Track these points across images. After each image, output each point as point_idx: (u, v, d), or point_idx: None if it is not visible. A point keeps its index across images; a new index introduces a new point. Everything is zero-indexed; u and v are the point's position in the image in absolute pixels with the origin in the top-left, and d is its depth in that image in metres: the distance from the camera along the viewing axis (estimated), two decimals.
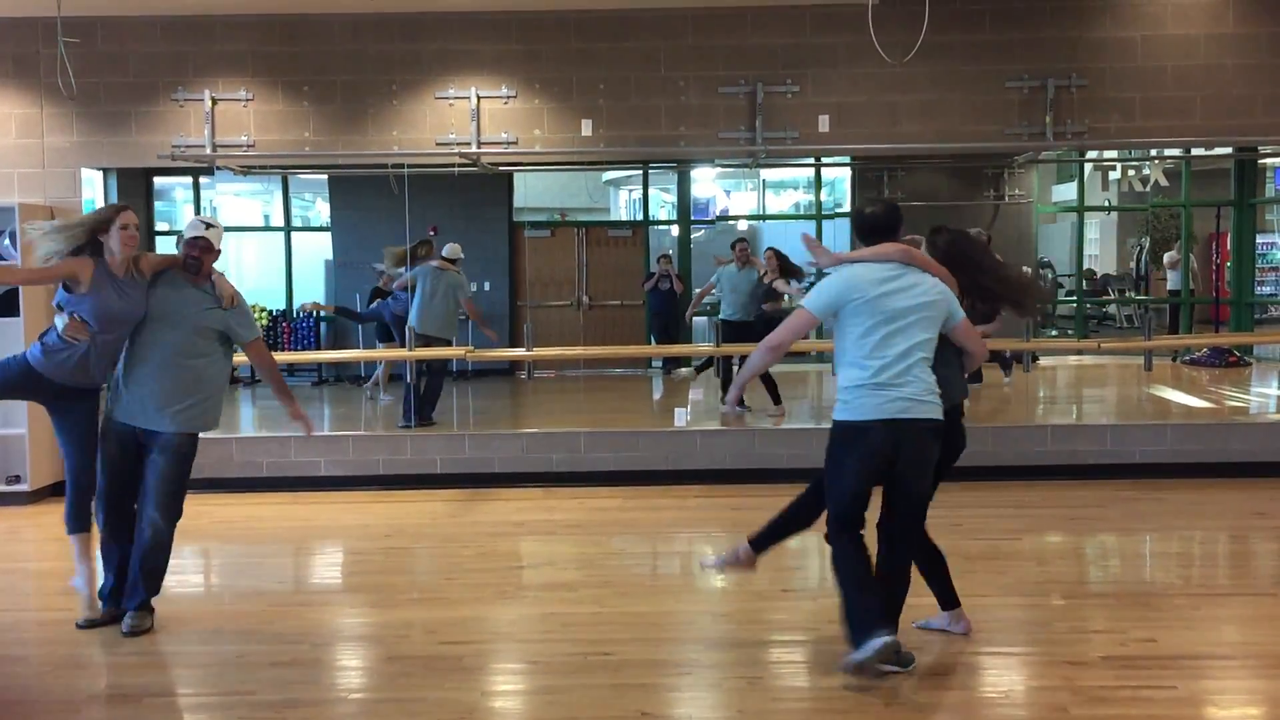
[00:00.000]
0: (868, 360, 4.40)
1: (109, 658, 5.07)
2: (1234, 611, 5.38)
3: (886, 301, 4.39)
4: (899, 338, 4.37)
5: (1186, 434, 8.70)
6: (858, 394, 4.41)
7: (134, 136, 8.69)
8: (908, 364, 4.37)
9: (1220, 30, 8.53)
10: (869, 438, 4.38)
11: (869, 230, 4.65)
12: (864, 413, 4.38)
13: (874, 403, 4.36)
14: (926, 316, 4.43)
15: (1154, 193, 16.64)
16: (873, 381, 4.37)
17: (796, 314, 4.54)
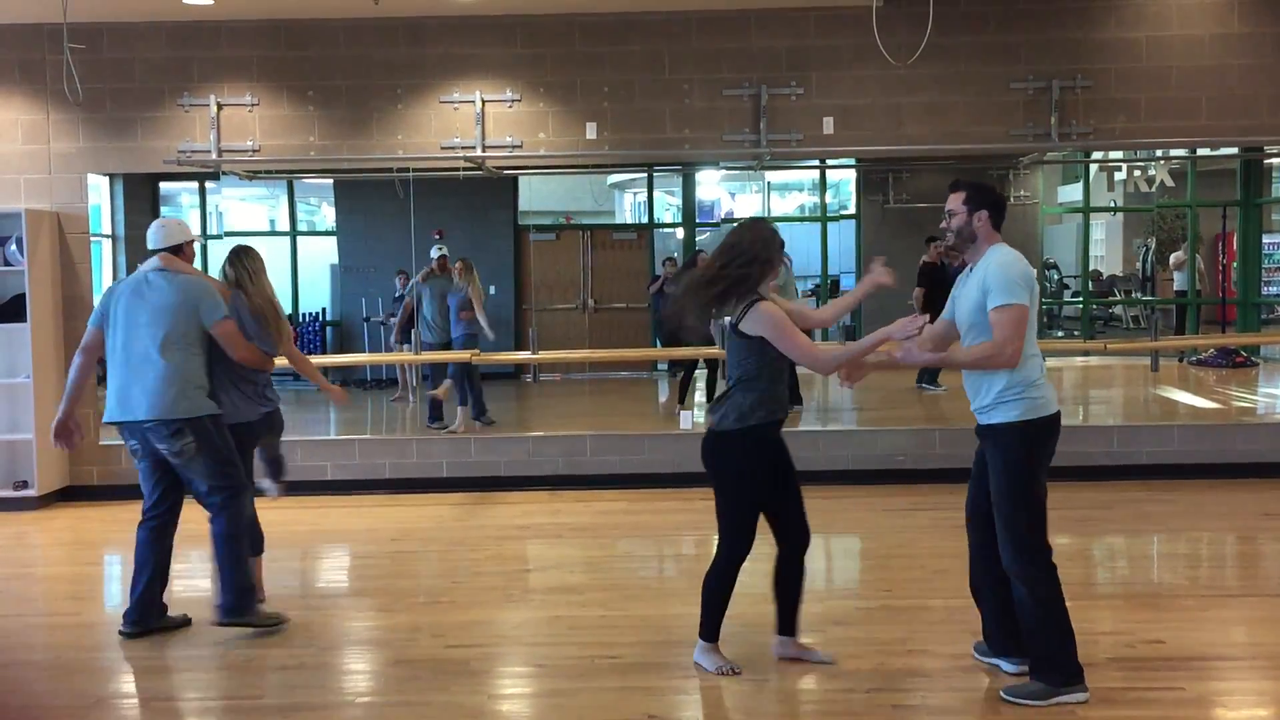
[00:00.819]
0: (1036, 352, 4.25)
1: (115, 662, 5.08)
2: (1242, 613, 5.36)
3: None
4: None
5: (1193, 435, 8.69)
6: (1043, 386, 4.19)
7: (140, 142, 8.71)
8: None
9: (1225, 30, 8.52)
10: (1057, 430, 4.24)
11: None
12: (1053, 405, 4.20)
13: (1053, 393, 4.26)
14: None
15: (1159, 193, 16.62)
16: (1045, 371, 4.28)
17: (1019, 310, 4.09)
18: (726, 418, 4.48)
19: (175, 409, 5.05)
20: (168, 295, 5.14)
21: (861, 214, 15.35)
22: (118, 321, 5.16)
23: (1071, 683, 4.17)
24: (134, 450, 5.19)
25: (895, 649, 4.81)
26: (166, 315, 5.11)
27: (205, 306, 5.17)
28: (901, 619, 5.23)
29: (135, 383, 5.07)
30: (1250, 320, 14.50)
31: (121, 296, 5.18)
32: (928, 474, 8.35)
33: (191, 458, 5.09)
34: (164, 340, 5.07)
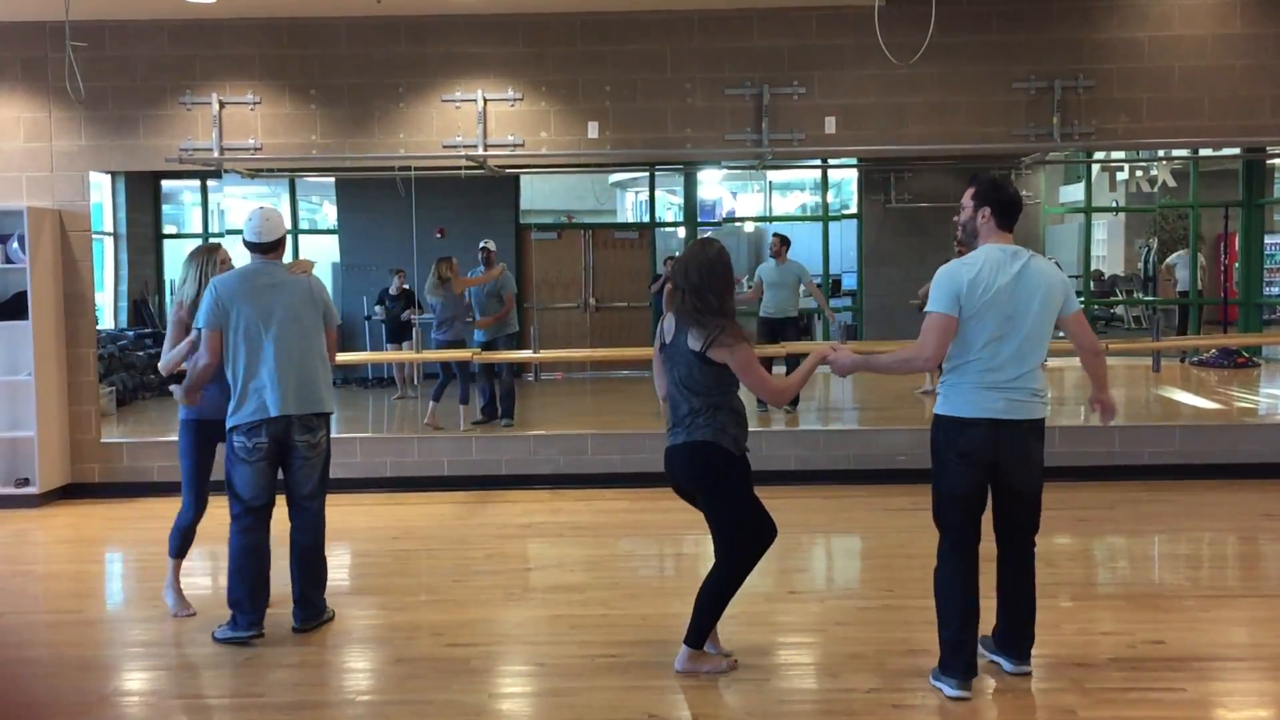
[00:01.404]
0: (975, 357, 4.31)
1: (117, 660, 5.09)
2: (1243, 613, 5.37)
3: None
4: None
5: (1195, 435, 8.69)
6: (963, 390, 4.32)
7: (142, 140, 8.71)
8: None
9: (1228, 31, 8.52)
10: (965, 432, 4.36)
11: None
12: (967, 409, 4.33)
13: (981, 399, 4.33)
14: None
15: (1161, 194, 16.61)
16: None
17: (934, 318, 4.23)
18: (707, 430, 4.40)
19: (330, 402, 5.21)
20: (304, 290, 5.17)
21: (863, 214, 15.34)
22: (251, 317, 5.04)
23: (946, 672, 4.30)
24: (258, 448, 5.08)
25: (895, 649, 4.81)
26: (310, 310, 5.16)
27: (331, 308, 5.29)
28: (902, 619, 5.23)
29: (297, 376, 5.06)
30: (1252, 321, 14.49)
31: (246, 294, 5.07)
32: (928, 474, 8.34)
33: (321, 453, 5.20)
34: (313, 334, 5.16)
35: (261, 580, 5.16)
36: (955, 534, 4.33)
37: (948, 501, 4.34)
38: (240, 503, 5.14)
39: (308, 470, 5.17)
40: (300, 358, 5.09)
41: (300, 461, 5.15)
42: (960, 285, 4.20)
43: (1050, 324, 4.30)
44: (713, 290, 4.41)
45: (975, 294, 4.18)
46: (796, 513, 7.40)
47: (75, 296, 8.65)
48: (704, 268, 4.44)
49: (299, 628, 5.19)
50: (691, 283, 4.42)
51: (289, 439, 5.09)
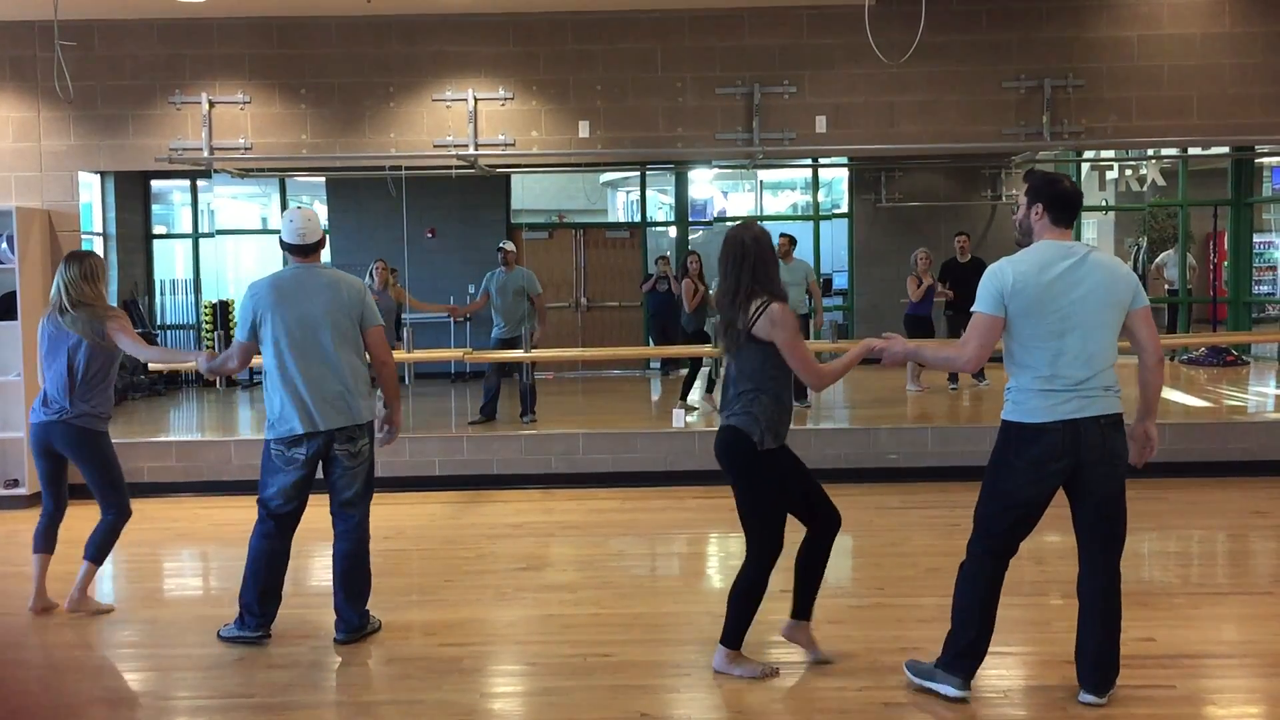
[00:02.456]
0: (1030, 363, 4.16)
1: (108, 661, 5.07)
2: (1233, 610, 5.38)
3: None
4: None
5: (1185, 433, 8.71)
6: (1033, 394, 4.14)
7: (131, 140, 8.69)
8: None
9: (1216, 30, 8.55)
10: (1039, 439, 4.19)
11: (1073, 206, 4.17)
12: (1040, 414, 4.13)
13: (1049, 402, 4.16)
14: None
15: (1151, 192, 16.65)
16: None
17: (978, 318, 4.11)
18: (742, 417, 4.40)
19: (366, 412, 5.09)
20: (337, 295, 5.02)
21: (854, 213, 15.36)
22: (282, 328, 4.93)
23: (950, 671, 4.20)
24: (294, 459, 4.98)
25: (887, 647, 4.82)
26: (344, 316, 5.00)
27: (369, 308, 5.11)
28: (894, 617, 5.24)
29: (329, 390, 4.95)
30: (1241, 319, 14.53)
31: (278, 302, 4.97)
32: (921, 472, 8.38)
33: (364, 461, 5.11)
34: (348, 342, 5.01)
35: (273, 587, 5.09)
36: (997, 542, 4.19)
37: (1001, 510, 4.15)
38: (266, 508, 5.07)
39: (349, 478, 5.08)
40: (333, 370, 4.96)
41: (341, 470, 5.05)
42: (1005, 283, 4.01)
43: (1117, 322, 4.08)
44: (756, 269, 4.40)
45: (1025, 292, 3.99)
46: None
47: None
48: (746, 248, 4.43)
49: (340, 640, 5.06)
50: (734, 263, 4.42)
51: (329, 450, 5.01)
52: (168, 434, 10.46)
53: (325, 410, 4.95)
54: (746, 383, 4.40)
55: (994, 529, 4.20)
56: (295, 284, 5.03)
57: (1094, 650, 4.19)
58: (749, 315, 4.35)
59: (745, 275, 4.40)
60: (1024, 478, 4.11)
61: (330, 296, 5.00)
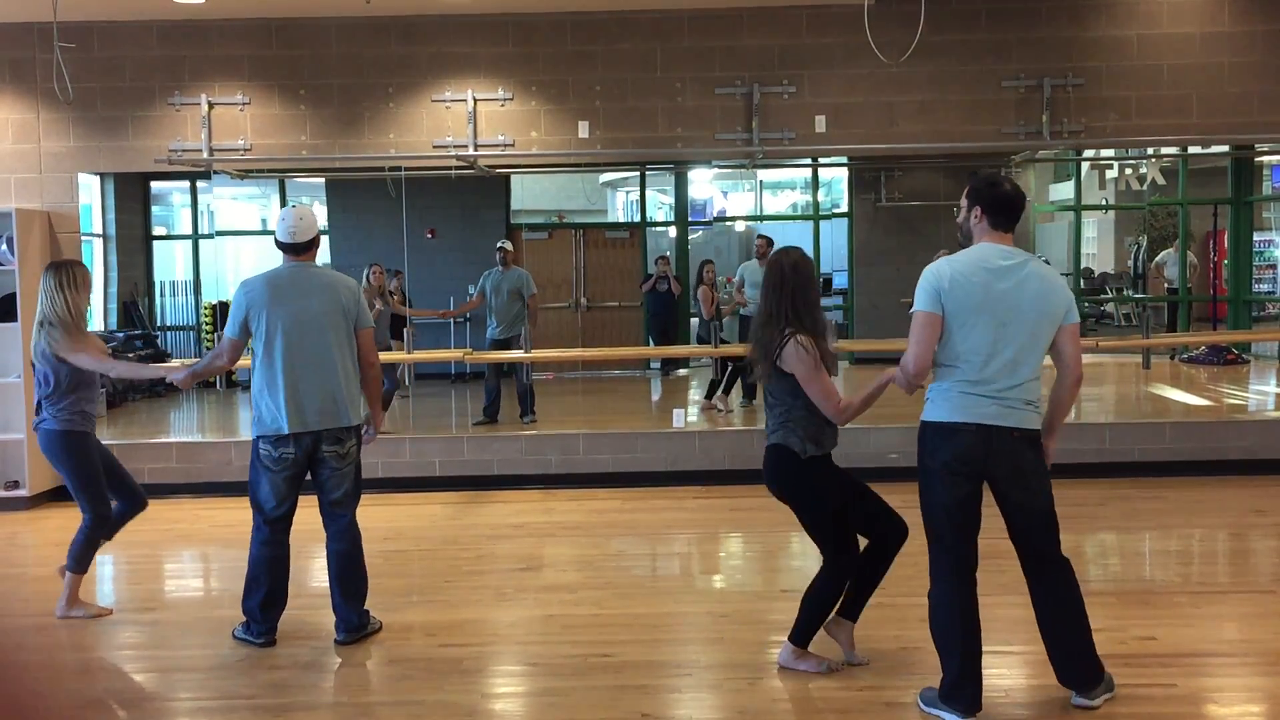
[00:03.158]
0: (956, 360, 4.10)
1: (108, 663, 5.07)
2: (1233, 609, 5.38)
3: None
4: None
5: (1185, 432, 8.71)
6: (946, 393, 4.09)
7: (131, 141, 8.69)
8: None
9: (1216, 29, 8.54)
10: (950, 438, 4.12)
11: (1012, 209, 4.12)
12: (945, 413, 4.09)
13: (960, 403, 4.10)
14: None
15: (1151, 191, 16.65)
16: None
17: (917, 315, 4.09)
18: (786, 433, 4.44)
19: (355, 414, 5.02)
20: (331, 295, 4.97)
21: (854, 212, 15.36)
22: (274, 326, 4.88)
23: (951, 703, 4.04)
24: (283, 458, 4.91)
25: (889, 646, 4.81)
26: (337, 316, 4.95)
27: (364, 310, 5.08)
28: (894, 616, 5.23)
29: (318, 390, 4.90)
30: (1241, 318, 14.53)
31: (270, 300, 4.91)
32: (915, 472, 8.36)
33: (351, 462, 5.05)
34: (339, 343, 4.96)
35: (276, 593, 5.05)
36: (950, 555, 4.04)
37: (937, 513, 4.06)
38: (260, 513, 5.03)
39: (337, 479, 5.02)
40: (322, 370, 4.90)
41: (329, 472, 5.00)
42: (942, 281, 3.97)
43: (1049, 334, 3.99)
44: (794, 296, 4.42)
45: (959, 292, 3.94)
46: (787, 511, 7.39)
47: None
48: (784, 275, 4.47)
49: (341, 640, 5.03)
50: (773, 290, 4.47)
51: (316, 451, 4.96)
52: (168, 435, 10.46)
53: (315, 410, 4.91)
54: (781, 404, 4.45)
55: (940, 534, 4.08)
56: (290, 282, 4.99)
57: (1060, 657, 4.15)
58: (775, 345, 4.37)
59: (777, 302, 4.43)
60: (939, 481, 4.04)
61: (328, 296, 4.97)
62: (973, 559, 4.10)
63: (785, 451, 4.43)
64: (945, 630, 4.07)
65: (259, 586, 5.02)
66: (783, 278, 4.46)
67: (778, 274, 4.48)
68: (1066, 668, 4.15)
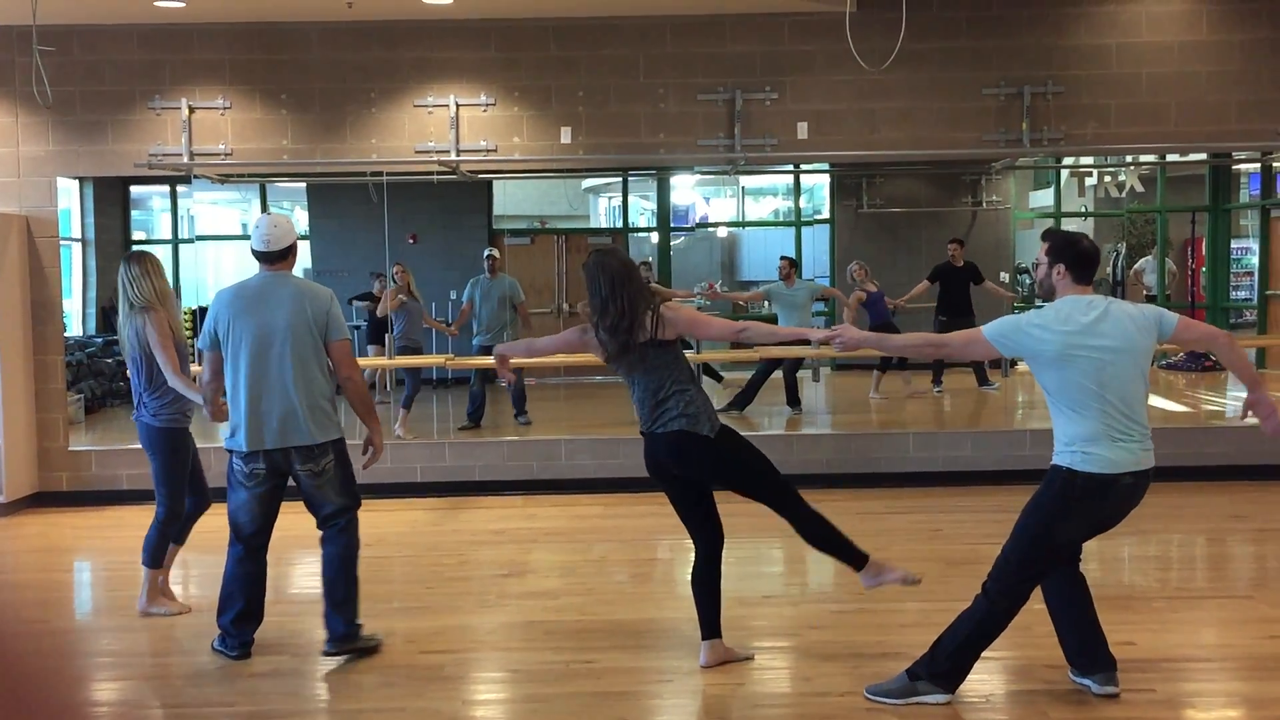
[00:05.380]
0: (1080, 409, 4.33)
1: (85, 670, 5.03)
2: (1212, 614, 5.41)
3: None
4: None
5: (1164, 438, 8.60)
6: (1099, 443, 4.27)
7: (110, 145, 8.64)
8: None
9: (1194, 38, 8.61)
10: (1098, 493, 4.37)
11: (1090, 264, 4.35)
12: (1100, 466, 4.31)
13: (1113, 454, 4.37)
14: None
15: (1130, 199, 16.75)
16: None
17: (993, 325, 4.38)
18: (697, 422, 4.51)
19: (320, 432, 4.85)
20: (298, 306, 4.81)
21: (835, 219, 15.41)
22: (240, 337, 4.78)
23: (936, 683, 4.21)
24: (255, 474, 4.82)
25: (871, 652, 4.82)
26: (305, 329, 4.78)
27: (335, 321, 4.87)
28: (876, 622, 5.24)
29: (279, 407, 4.76)
30: (1219, 324, 14.62)
31: (238, 311, 4.81)
32: (903, 477, 8.39)
33: (330, 478, 4.89)
34: (307, 357, 4.79)
35: (251, 609, 4.94)
36: (1027, 586, 4.22)
37: (1047, 556, 4.23)
38: (235, 529, 4.94)
39: (320, 495, 4.90)
40: (283, 385, 4.75)
41: (310, 489, 4.90)
42: (1021, 326, 4.20)
43: (1145, 364, 4.26)
44: (638, 288, 4.58)
45: (1045, 340, 4.14)
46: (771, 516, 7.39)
47: (42, 303, 8.56)
48: (618, 271, 4.58)
49: (327, 651, 4.91)
50: (616, 286, 4.54)
51: (289, 467, 4.84)
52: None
53: (272, 429, 4.75)
54: (670, 387, 4.52)
55: (1034, 574, 4.24)
56: (258, 293, 4.85)
57: (1079, 647, 4.32)
58: (650, 326, 4.49)
59: (627, 296, 4.52)
60: (1079, 524, 4.25)
61: (294, 308, 4.79)
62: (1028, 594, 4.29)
63: (692, 436, 4.51)
64: (971, 640, 4.24)
65: (233, 603, 4.91)
66: (626, 274, 4.58)
67: (614, 272, 4.57)
68: (1088, 657, 4.33)
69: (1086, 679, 4.33)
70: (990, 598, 4.20)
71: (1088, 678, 4.32)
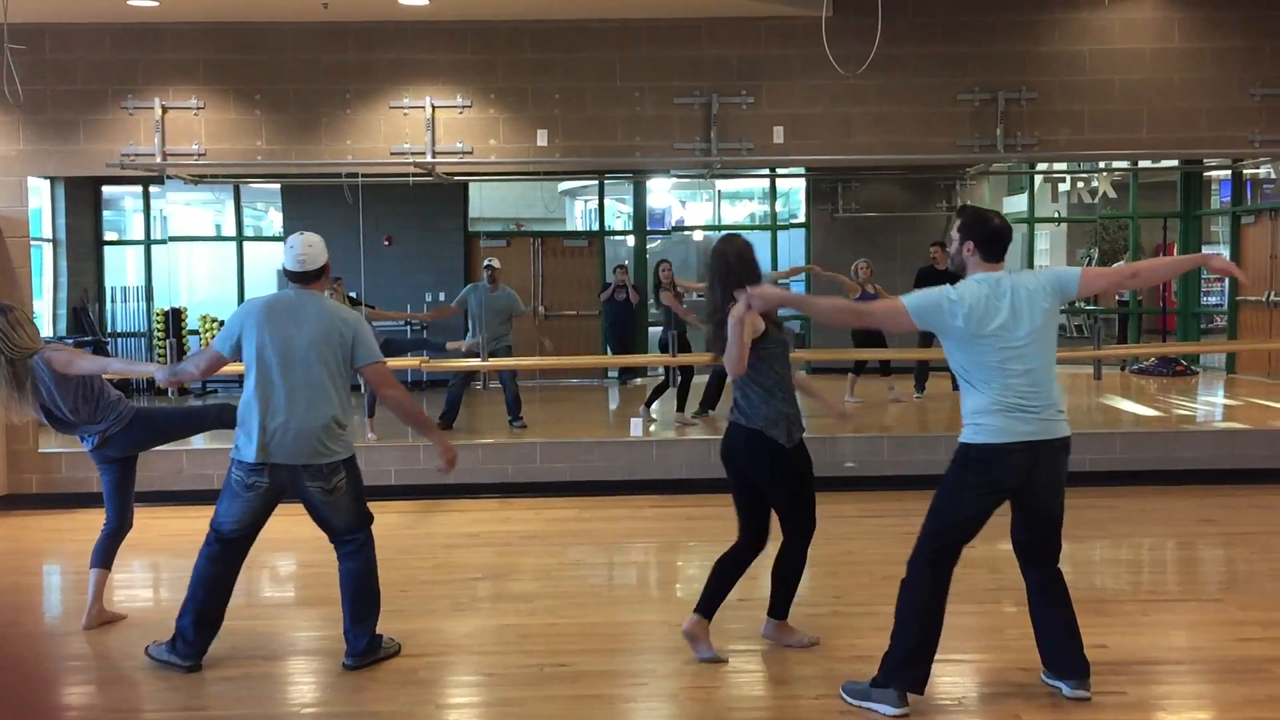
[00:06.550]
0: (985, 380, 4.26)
1: (57, 673, 4.98)
2: (1182, 617, 5.45)
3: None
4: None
5: (1135, 442, 8.83)
6: (992, 414, 4.25)
7: (82, 145, 8.57)
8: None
9: (1166, 45, 8.69)
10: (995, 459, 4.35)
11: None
12: (996, 434, 4.28)
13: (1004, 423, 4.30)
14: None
15: (1102, 205, 16.89)
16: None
17: (908, 299, 4.33)
18: (744, 417, 4.81)
19: (335, 451, 4.79)
20: (328, 327, 4.76)
21: (811, 223, 15.45)
22: (264, 348, 4.72)
23: (886, 687, 4.19)
24: (255, 487, 4.74)
25: (843, 655, 4.83)
26: (331, 350, 4.72)
27: (365, 344, 4.81)
28: (849, 625, 5.26)
29: (297, 424, 4.69)
30: (1190, 330, 14.77)
31: (265, 321, 4.77)
32: (877, 481, 8.42)
33: (342, 494, 4.81)
34: (330, 377, 4.74)
35: (211, 613, 4.84)
36: (945, 554, 4.27)
37: (955, 522, 4.28)
38: (216, 530, 4.84)
39: (330, 511, 4.81)
40: (303, 402, 4.69)
41: (319, 505, 4.82)
42: (940, 304, 4.16)
43: (1049, 333, 4.24)
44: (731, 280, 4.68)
45: (960, 324, 4.13)
46: None
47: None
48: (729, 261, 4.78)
49: (349, 665, 4.82)
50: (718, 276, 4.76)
51: (297, 483, 4.77)
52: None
53: (281, 444, 4.70)
54: (740, 383, 4.75)
55: (947, 543, 4.31)
56: (288, 308, 4.82)
57: (1055, 650, 4.36)
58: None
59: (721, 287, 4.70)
60: (978, 496, 4.29)
61: (323, 327, 4.74)
62: (958, 556, 4.39)
63: (737, 429, 4.84)
64: (906, 612, 4.28)
65: (195, 603, 4.80)
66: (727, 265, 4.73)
67: (722, 261, 4.76)
68: (1064, 660, 4.35)
69: (1059, 681, 4.35)
70: (909, 569, 4.30)
71: (1060, 680, 4.35)
